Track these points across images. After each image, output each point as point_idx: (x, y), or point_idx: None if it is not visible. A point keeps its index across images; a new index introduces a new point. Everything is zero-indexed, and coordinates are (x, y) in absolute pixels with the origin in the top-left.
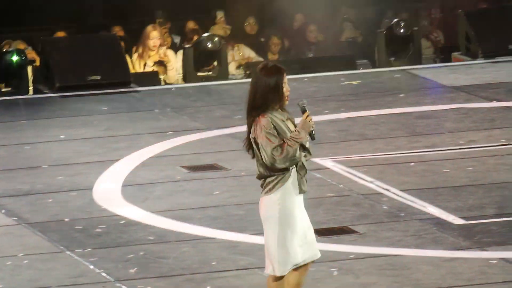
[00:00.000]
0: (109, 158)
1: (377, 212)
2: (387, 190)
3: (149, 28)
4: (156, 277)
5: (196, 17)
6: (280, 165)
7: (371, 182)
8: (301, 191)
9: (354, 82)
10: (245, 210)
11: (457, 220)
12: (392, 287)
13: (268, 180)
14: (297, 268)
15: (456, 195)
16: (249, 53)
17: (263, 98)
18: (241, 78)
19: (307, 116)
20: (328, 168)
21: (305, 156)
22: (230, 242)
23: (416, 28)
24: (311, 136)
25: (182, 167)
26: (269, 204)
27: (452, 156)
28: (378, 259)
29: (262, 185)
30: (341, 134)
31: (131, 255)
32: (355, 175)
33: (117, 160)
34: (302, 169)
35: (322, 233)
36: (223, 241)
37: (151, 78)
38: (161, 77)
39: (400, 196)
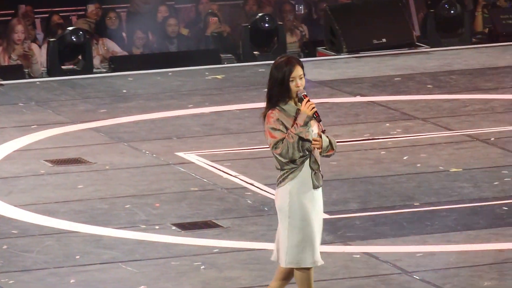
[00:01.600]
0: None
1: (241, 207)
2: (251, 184)
3: (14, 21)
4: (19, 270)
5: (61, 11)
6: (285, 158)
7: (235, 176)
8: (313, 186)
9: (218, 76)
10: (109, 204)
11: None
12: (256, 282)
13: (281, 172)
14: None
15: None
16: (113, 47)
17: (271, 92)
18: (106, 72)
19: (306, 102)
20: (192, 162)
21: (320, 151)
22: (94, 236)
23: (281, 23)
24: (316, 119)
25: (46, 160)
26: (280, 196)
27: None
28: (242, 253)
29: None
30: (205, 128)
31: None
32: (219, 169)
33: None
34: (314, 164)
35: (186, 227)
36: (87, 235)
37: (15, 72)
38: (26, 70)
39: (264, 191)
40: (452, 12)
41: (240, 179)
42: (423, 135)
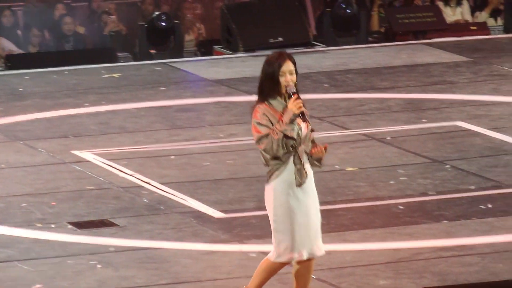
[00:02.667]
0: None
1: (137, 205)
2: (148, 183)
3: None
4: None
5: None
6: (269, 154)
7: (131, 175)
8: (296, 183)
9: (115, 75)
10: (5, 202)
11: (216, 213)
12: (151, 280)
13: (268, 169)
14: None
15: (216, 188)
16: (9, 46)
17: (262, 86)
18: (2, 71)
19: (295, 99)
20: (88, 161)
21: (303, 143)
22: None
23: (177, 21)
24: (302, 118)
25: None
26: (266, 194)
27: (213, 149)
28: (138, 252)
29: None
30: (101, 127)
31: None
32: (115, 168)
33: None
34: (298, 161)
35: (82, 226)
36: None
37: None
38: None
39: (160, 189)
40: (348, 11)
41: (136, 177)
42: (319, 134)
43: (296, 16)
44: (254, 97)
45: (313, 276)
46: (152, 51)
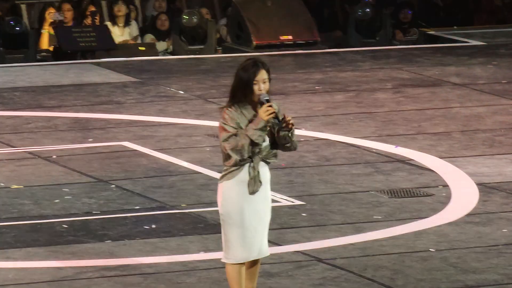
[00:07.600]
0: None
1: None
2: None
3: None
4: None
5: None
6: (235, 154)
7: None
8: (250, 191)
9: None
10: None
11: None
12: None
13: (223, 169)
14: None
15: None
16: None
17: (234, 91)
18: None
19: (267, 107)
20: None
21: (260, 154)
22: None
23: None
24: (278, 124)
25: None
26: (218, 192)
27: None
28: None
29: None
30: None
31: None
32: None
33: None
34: (253, 170)
35: None
36: None
37: None
38: None
39: None
40: (17, 29)
41: None
42: None
43: None
44: None
45: None
46: None
